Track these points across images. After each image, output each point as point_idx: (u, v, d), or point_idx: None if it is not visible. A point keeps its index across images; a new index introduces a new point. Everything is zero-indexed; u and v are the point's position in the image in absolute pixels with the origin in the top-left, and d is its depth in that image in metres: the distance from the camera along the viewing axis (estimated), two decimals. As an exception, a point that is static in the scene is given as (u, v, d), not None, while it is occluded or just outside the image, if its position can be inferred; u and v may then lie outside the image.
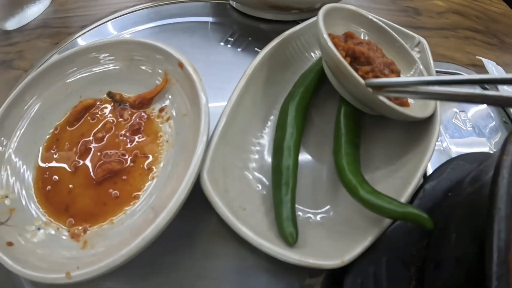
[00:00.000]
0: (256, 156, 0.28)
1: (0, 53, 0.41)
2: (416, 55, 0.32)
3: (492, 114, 0.38)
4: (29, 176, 0.28)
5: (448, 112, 0.37)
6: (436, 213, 0.24)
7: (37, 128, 0.30)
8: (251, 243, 0.22)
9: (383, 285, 0.23)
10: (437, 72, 0.40)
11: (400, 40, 0.32)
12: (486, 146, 0.35)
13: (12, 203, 0.27)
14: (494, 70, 0.43)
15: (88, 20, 0.41)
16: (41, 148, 0.29)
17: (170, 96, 0.28)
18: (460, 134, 0.36)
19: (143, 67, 0.29)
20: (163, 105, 0.29)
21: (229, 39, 0.36)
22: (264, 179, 0.27)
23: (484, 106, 0.39)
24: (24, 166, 0.29)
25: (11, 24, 0.43)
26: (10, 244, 0.24)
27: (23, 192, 0.28)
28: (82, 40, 0.39)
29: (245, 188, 0.26)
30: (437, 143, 0.33)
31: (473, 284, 0.17)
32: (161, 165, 0.26)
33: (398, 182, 0.25)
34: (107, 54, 0.30)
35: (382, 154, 0.28)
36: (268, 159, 0.28)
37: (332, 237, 0.24)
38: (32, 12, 0.44)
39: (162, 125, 0.28)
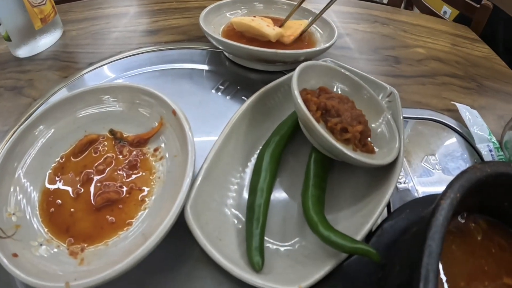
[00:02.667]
0: (234, 195, 0.33)
1: (12, 79, 0.47)
2: (386, 105, 0.37)
3: (465, 156, 0.41)
4: (35, 197, 0.34)
5: (417, 155, 0.41)
6: (392, 250, 0.29)
7: (45, 155, 0.36)
8: (224, 269, 0.26)
9: None
10: (409, 118, 0.45)
11: (371, 92, 0.37)
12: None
13: (18, 220, 0.32)
14: (468, 114, 0.45)
15: (95, 58, 0.48)
16: (47, 173, 0.35)
17: (164, 138, 0.35)
18: (429, 176, 0.39)
19: (142, 110, 0.36)
20: (158, 145, 0.35)
21: (220, 87, 0.43)
22: (240, 215, 0.32)
23: (456, 148, 0.42)
24: (31, 188, 0.34)
25: (24, 52, 0.50)
26: (15, 255, 0.29)
27: (29, 211, 0.33)
28: (89, 77, 0.45)
29: (223, 222, 0.31)
30: (404, 184, 0.38)
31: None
32: (153, 198, 0.32)
33: (359, 221, 0.29)
34: (111, 96, 0.36)
35: (348, 195, 0.33)
36: (245, 197, 0.33)
37: (295, 267, 0.28)
38: (44, 43, 0.51)
39: (155, 163, 0.34)
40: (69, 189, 0.34)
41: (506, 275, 0.24)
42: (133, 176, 0.34)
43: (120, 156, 0.35)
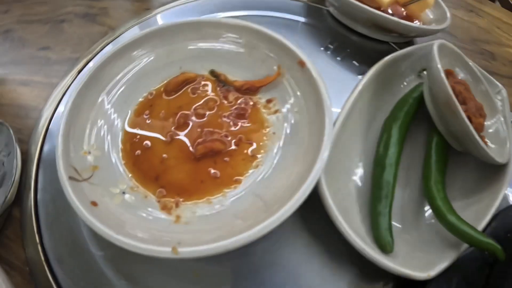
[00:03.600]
0: (358, 164, 0.30)
1: (82, 6, 0.42)
2: (498, 104, 0.34)
3: None
4: (117, 135, 0.29)
5: None
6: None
7: (130, 89, 0.30)
8: (355, 246, 0.24)
9: None
10: None
11: (488, 88, 0.34)
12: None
13: (96, 160, 0.27)
14: None
15: (181, -7, 0.42)
16: (133, 109, 0.30)
17: (282, 90, 0.29)
18: None
19: (256, 56, 0.30)
20: (272, 97, 0.29)
21: (329, 46, 0.38)
22: (362, 187, 0.29)
23: None
24: (113, 122, 0.29)
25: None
26: (94, 204, 0.24)
27: (109, 150, 0.28)
28: (174, 13, 0.40)
29: (348, 193, 0.28)
30: None
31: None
32: (267, 155, 0.27)
33: (472, 215, 0.28)
34: (229, 34, 0.30)
35: (459, 187, 0.31)
36: (366, 170, 0.30)
37: (416, 253, 0.26)
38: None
39: (268, 116, 0.29)
40: (161, 130, 0.28)
41: None
42: (241, 126, 0.28)
43: (225, 102, 0.29)
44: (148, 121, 0.29)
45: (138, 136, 0.28)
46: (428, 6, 0.43)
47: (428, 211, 0.29)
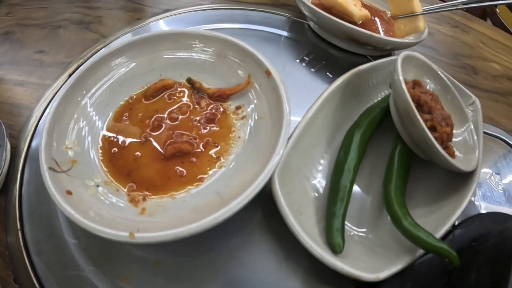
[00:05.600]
0: (318, 169, 0.32)
1: (79, 14, 0.46)
2: (469, 114, 0.36)
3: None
4: (97, 134, 0.32)
5: (484, 171, 0.40)
6: (461, 258, 0.28)
7: (113, 93, 0.34)
8: (304, 245, 0.25)
9: None
10: (484, 133, 0.44)
11: (458, 97, 0.36)
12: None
13: (75, 155, 0.30)
14: None
15: (171, 6, 0.46)
16: (113, 111, 0.33)
17: (249, 98, 0.32)
18: (492, 194, 0.39)
19: (228, 64, 0.34)
20: (241, 104, 0.32)
21: (305, 58, 0.41)
22: (320, 191, 0.31)
23: None
24: (94, 123, 0.32)
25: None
26: (69, 192, 0.27)
27: (88, 147, 0.31)
28: (165, 24, 0.43)
29: (304, 195, 0.30)
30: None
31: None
32: (230, 157, 0.29)
33: (434, 223, 0.29)
34: (200, 43, 0.34)
35: (422, 194, 0.32)
36: (327, 174, 0.32)
37: (370, 255, 0.28)
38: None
39: (236, 121, 0.32)
40: (137, 131, 0.32)
41: None
42: (210, 130, 0.31)
43: (198, 107, 0.32)
44: (126, 123, 0.32)
45: (116, 136, 0.32)
46: (418, 30, 0.45)
47: (387, 216, 0.30)
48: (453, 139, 0.34)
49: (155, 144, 0.31)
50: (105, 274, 0.28)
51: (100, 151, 0.31)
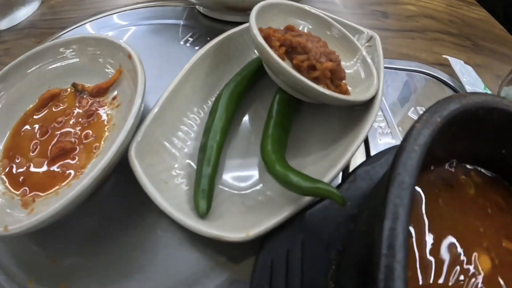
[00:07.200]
0: (189, 138, 0.32)
1: (-11, 51, 0.49)
2: (365, 48, 0.35)
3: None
4: (-2, 153, 0.34)
5: (404, 106, 0.40)
6: (367, 198, 0.26)
7: (9, 113, 0.36)
8: (165, 212, 0.25)
9: (296, 264, 0.25)
10: (395, 69, 0.44)
11: (343, 30, 0.35)
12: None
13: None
14: (461, 69, 0.44)
15: (70, 23, 0.49)
16: (9, 131, 0.36)
17: (121, 86, 0.34)
18: None
19: (101, 60, 0.36)
20: (115, 93, 0.34)
21: (189, 39, 0.42)
22: (192, 160, 0.31)
23: None
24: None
25: (2, 24, 0.51)
26: None
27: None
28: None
29: (172, 166, 0.30)
30: (386, 134, 0.37)
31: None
32: (105, 144, 0.31)
33: (326, 164, 0.27)
34: (69, 49, 0.36)
35: (317, 140, 0.31)
36: (199, 141, 0.31)
37: (247, 213, 0.27)
38: (22, 14, 0.52)
39: (112, 111, 0.34)
40: (29, 142, 0.34)
41: (506, 239, 0.19)
42: (89, 125, 0.33)
43: (80, 106, 0.35)
44: (22, 135, 0.35)
45: (11, 151, 0.34)
46: None
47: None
48: (347, 71, 0.33)
49: (46, 148, 0.33)
50: (14, 279, 0.30)
51: (1, 168, 0.34)
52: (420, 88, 0.44)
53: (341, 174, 0.29)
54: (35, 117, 0.36)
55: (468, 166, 0.22)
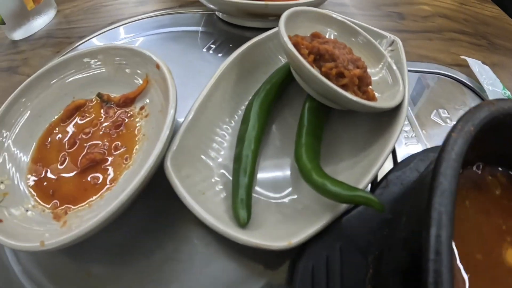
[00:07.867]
0: (222, 147, 0.32)
1: (7, 60, 0.49)
2: (388, 53, 0.35)
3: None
4: (23, 165, 0.34)
5: (426, 109, 0.40)
6: (400, 203, 0.26)
7: (33, 124, 0.36)
8: (205, 223, 0.25)
9: (336, 269, 0.25)
10: (415, 71, 0.44)
11: (368, 37, 0.35)
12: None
13: (6, 188, 0.33)
14: (480, 69, 0.44)
15: (87, 32, 0.49)
16: (35, 142, 0.36)
17: (149, 95, 0.34)
18: (440, 130, 0.38)
19: (128, 70, 0.36)
20: (144, 103, 0.34)
21: (211, 46, 0.42)
22: (228, 169, 0.31)
23: (468, 102, 0.42)
24: (20, 156, 0.35)
25: (18, 34, 0.51)
26: (0, 220, 0.29)
27: (17, 178, 0.33)
28: (80, 49, 0.46)
29: (208, 176, 0.30)
30: (412, 137, 0.37)
31: (417, 263, 0.18)
32: (136, 155, 0.31)
33: (359, 171, 0.27)
34: (94, 59, 0.36)
35: (348, 146, 0.31)
36: (232, 150, 0.31)
37: (286, 222, 0.27)
38: (38, 23, 0.52)
39: (141, 121, 0.33)
40: (57, 154, 0.34)
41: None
42: (118, 136, 0.33)
43: (107, 117, 0.35)
44: (48, 147, 0.35)
45: (40, 163, 0.34)
46: None
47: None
48: (373, 78, 0.33)
49: (75, 160, 0.33)
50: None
51: (28, 179, 0.34)
52: (440, 90, 0.44)
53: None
54: (61, 128, 0.36)
55: (493, 167, 0.23)
